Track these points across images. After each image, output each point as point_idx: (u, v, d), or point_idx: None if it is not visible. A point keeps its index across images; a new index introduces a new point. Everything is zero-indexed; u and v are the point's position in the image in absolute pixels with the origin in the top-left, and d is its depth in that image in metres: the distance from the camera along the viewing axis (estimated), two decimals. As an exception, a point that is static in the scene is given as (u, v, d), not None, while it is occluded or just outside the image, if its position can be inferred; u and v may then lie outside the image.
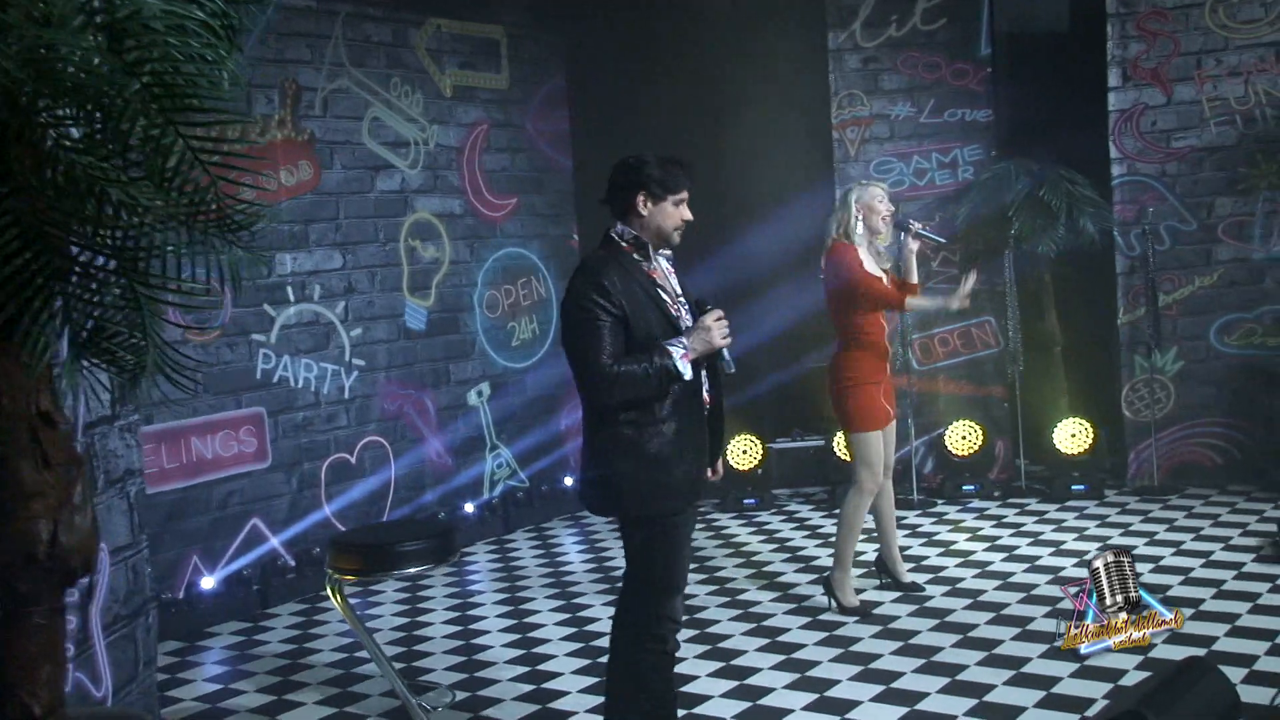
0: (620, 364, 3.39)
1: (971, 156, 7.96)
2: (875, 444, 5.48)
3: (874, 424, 5.48)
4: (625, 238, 3.63)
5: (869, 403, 5.47)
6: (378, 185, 7.31)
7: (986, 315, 8.00)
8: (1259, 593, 5.54)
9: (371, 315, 7.25)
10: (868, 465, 5.47)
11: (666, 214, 3.62)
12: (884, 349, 5.54)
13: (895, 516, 5.92)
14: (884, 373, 5.52)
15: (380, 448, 7.26)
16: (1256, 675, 4.54)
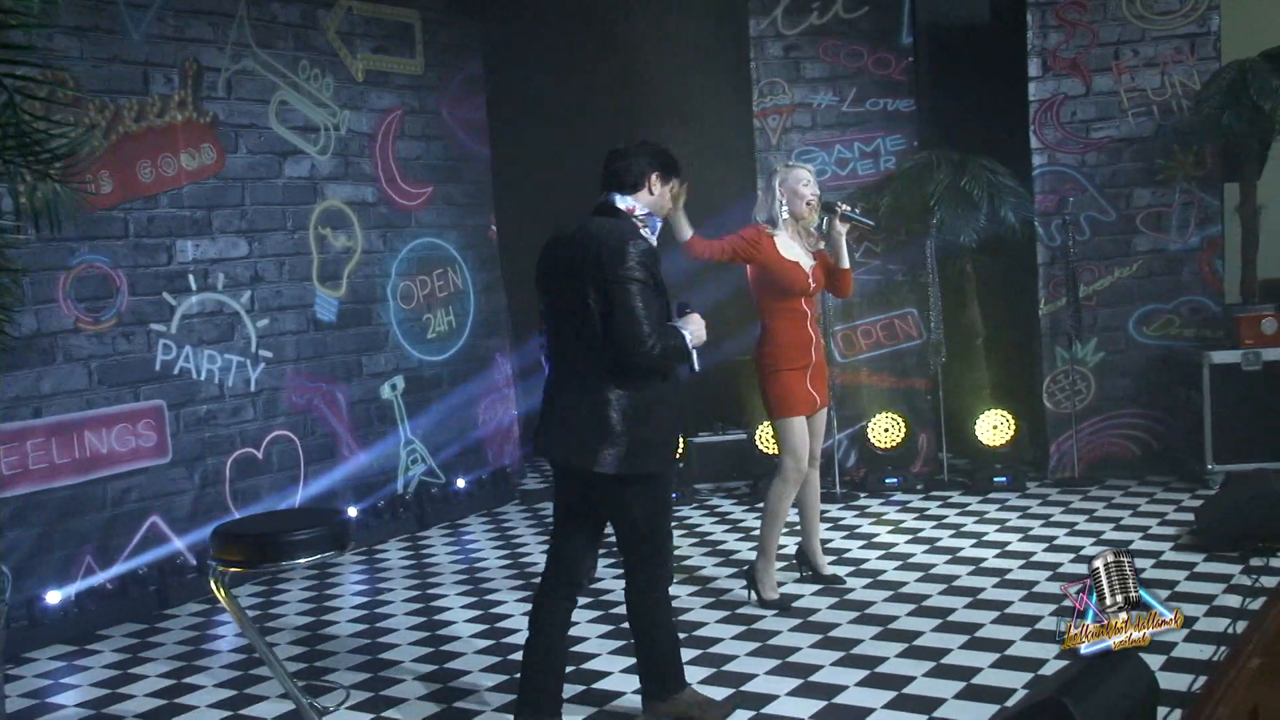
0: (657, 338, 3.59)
1: (894, 146, 7.86)
2: (796, 430, 5.37)
3: (792, 409, 5.37)
4: (638, 212, 3.81)
5: (788, 389, 5.36)
6: (286, 171, 7.07)
7: (909, 307, 7.91)
8: (1176, 580, 5.50)
9: (279, 305, 7.01)
10: (790, 452, 5.36)
11: (668, 195, 3.90)
12: (806, 335, 5.42)
13: (819, 509, 5.80)
14: (808, 358, 5.41)
15: (289, 442, 7.02)
16: (1175, 662, 4.48)
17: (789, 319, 5.36)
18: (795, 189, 5.38)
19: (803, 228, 5.44)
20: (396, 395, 7.73)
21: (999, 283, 7.80)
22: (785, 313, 5.36)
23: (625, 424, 3.67)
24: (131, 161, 6.18)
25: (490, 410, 8.48)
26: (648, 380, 3.70)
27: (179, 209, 6.45)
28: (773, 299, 5.36)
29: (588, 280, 3.66)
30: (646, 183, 3.86)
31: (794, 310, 5.37)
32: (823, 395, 5.52)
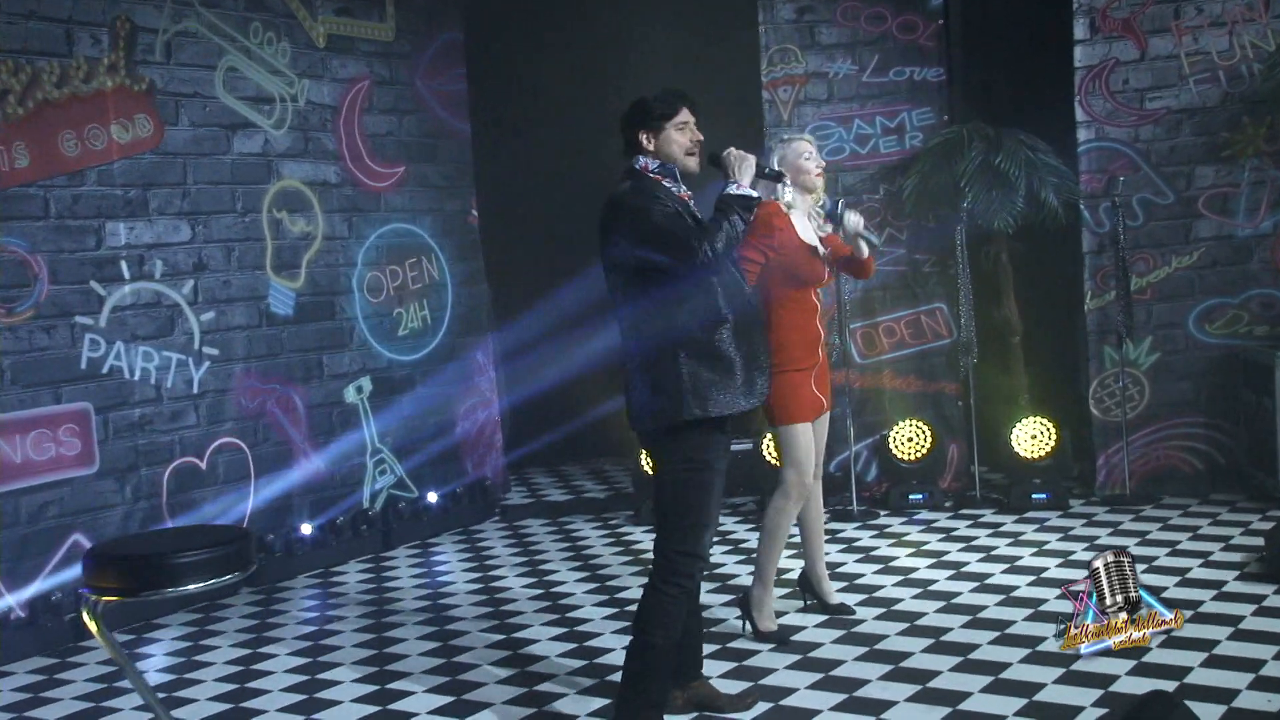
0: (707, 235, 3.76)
1: (921, 121, 7.61)
2: (803, 439, 5.10)
3: (798, 415, 5.10)
4: (652, 167, 3.97)
5: (795, 391, 5.08)
6: (235, 147, 6.84)
7: (938, 302, 7.65)
8: (1241, 615, 5.13)
9: (227, 297, 6.77)
10: (795, 464, 5.09)
11: (671, 140, 3.95)
12: (815, 332, 5.16)
13: (824, 529, 5.54)
14: (815, 357, 5.15)
15: (237, 451, 6.79)
16: (1237, 714, 4.09)
17: (799, 312, 5.09)
18: (797, 164, 5.16)
19: (810, 206, 5.21)
20: (362, 399, 7.51)
21: (1039, 274, 7.58)
22: (796, 305, 5.10)
23: (638, 372, 3.90)
24: (52, 132, 5.93)
25: (470, 416, 8.25)
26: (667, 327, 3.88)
27: (109, 187, 6.21)
28: (784, 288, 5.08)
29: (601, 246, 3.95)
30: (640, 143, 4.01)
31: (805, 302, 5.11)
32: (828, 397, 5.28)
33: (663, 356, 3.88)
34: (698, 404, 3.85)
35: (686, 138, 4.03)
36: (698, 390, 3.86)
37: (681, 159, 4.03)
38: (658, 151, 4.02)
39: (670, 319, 3.88)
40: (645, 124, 4.01)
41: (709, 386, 3.87)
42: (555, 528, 7.65)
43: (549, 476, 9.09)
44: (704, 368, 3.86)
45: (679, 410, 3.84)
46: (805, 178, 5.16)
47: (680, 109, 4.03)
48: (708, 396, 3.87)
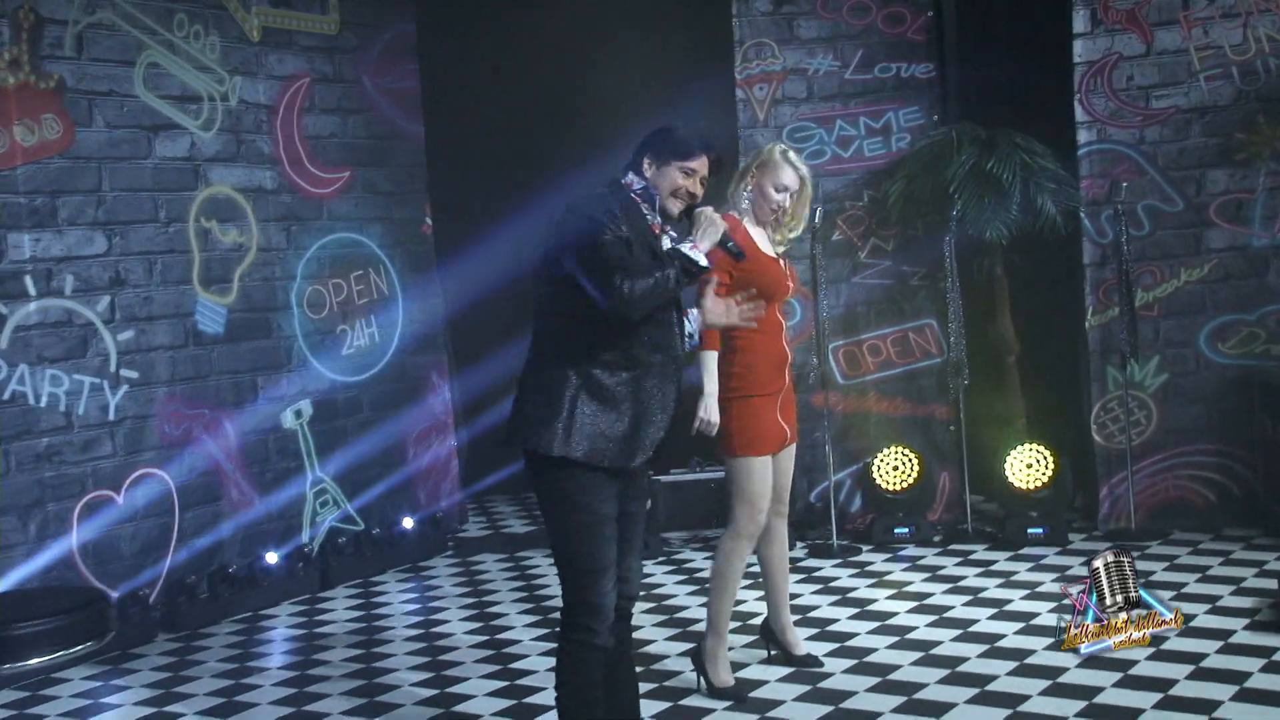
0: (634, 278, 3.67)
1: (909, 121, 7.43)
2: (758, 473, 4.89)
3: (757, 446, 4.89)
4: (635, 186, 3.94)
5: (755, 418, 4.88)
6: (158, 150, 6.63)
7: (927, 318, 7.45)
8: (1248, 672, 4.85)
9: (148, 315, 6.55)
10: (746, 501, 4.88)
11: (669, 178, 3.92)
12: (780, 354, 4.97)
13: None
14: (779, 383, 4.96)
15: (159, 483, 6.54)
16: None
17: (762, 331, 4.86)
18: (766, 190, 4.93)
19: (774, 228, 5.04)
20: (302, 424, 7.30)
21: (1036, 288, 7.44)
22: (759, 322, 4.75)
23: (526, 388, 3.88)
24: None
25: (423, 441, 8.03)
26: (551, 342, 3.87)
27: (11, 194, 5.99)
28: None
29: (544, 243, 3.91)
30: (642, 165, 3.99)
31: (769, 320, 4.88)
32: (793, 427, 5.07)
33: (554, 379, 3.82)
34: (567, 441, 3.77)
35: (685, 184, 3.97)
36: (573, 427, 3.78)
37: (666, 197, 3.96)
38: (652, 180, 3.97)
39: (578, 344, 3.82)
40: (656, 153, 3.97)
41: (586, 427, 3.79)
42: (511, 563, 7.40)
43: (512, 505, 8.85)
44: (589, 407, 3.80)
45: (548, 442, 3.77)
46: (763, 206, 4.95)
47: (696, 157, 3.97)
48: (580, 437, 3.78)
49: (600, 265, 3.72)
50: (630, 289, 3.69)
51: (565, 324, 3.84)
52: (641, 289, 3.71)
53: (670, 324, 3.92)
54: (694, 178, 3.96)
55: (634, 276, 3.71)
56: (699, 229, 3.92)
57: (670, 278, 3.77)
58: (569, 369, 3.81)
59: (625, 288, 3.68)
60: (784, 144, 5.03)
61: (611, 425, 3.80)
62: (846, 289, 7.42)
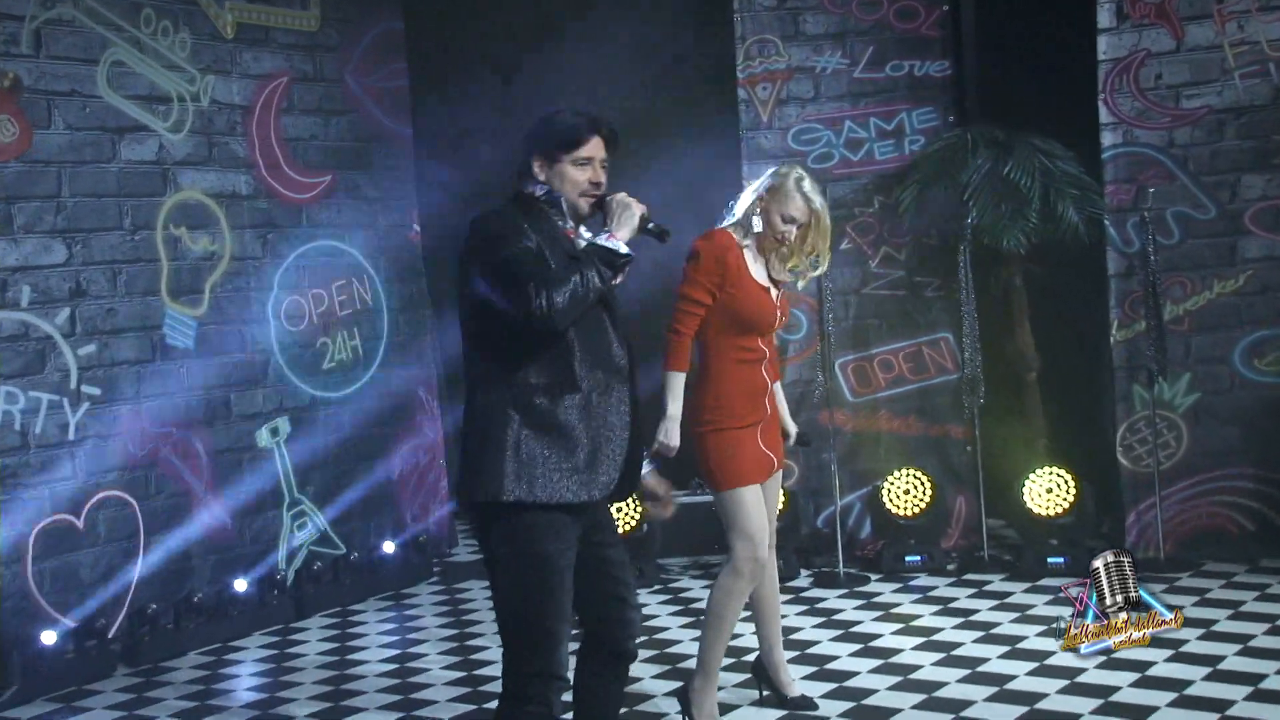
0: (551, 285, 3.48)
1: (922, 122, 7.31)
2: (750, 504, 4.73)
3: (743, 477, 4.74)
4: (539, 194, 3.74)
5: (738, 449, 4.74)
6: (123, 153, 6.50)
7: (943, 331, 7.33)
8: (1281, 723, 4.62)
9: (112, 328, 6.43)
10: (746, 535, 4.70)
11: (566, 177, 3.72)
12: (761, 382, 4.81)
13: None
14: (761, 411, 4.81)
15: (123, 507, 6.42)
16: None
17: (743, 362, 4.75)
18: (772, 215, 4.73)
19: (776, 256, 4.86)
20: (278, 443, 7.19)
21: (1058, 301, 7.30)
22: (740, 353, 4.77)
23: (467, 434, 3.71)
24: None
25: (409, 461, 7.92)
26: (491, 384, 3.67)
27: (-38, 201, 5.87)
28: (727, 335, 4.76)
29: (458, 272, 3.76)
30: (533, 169, 3.76)
31: (751, 351, 4.77)
32: (778, 453, 4.93)
33: (493, 419, 3.62)
34: (520, 483, 3.56)
35: (585, 176, 3.74)
36: (523, 467, 3.57)
37: (573, 198, 3.75)
38: (548, 183, 3.75)
39: (510, 374, 3.63)
40: (541, 151, 3.75)
41: (538, 464, 3.58)
42: (499, 592, 7.21)
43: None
44: (537, 440, 3.59)
45: (497, 488, 3.56)
46: (769, 230, 4.76)
47: (587, 140, 3.73)
48: (534, 476, 3.57)
49: (511, 281, 3.52)
50: (549, 299, 3.48)
51: (493, 355, 3.67)
52: (562, 296, 3.49)
53: (605, 331, 3.73)
54: (592, 165, 3.73)
55: (551, 284, 3.50)
56: (613, 217, 3.68)
57: (591, 276, 3.56)
58: (507, 404, 3.61)
59: (543, 299, 3.48)
60: (802, 171, 4.79)
61: (567, 457, 3.60)
62: (856, 300, 7.30)
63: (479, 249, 3.62)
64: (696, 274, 4.67)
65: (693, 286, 4.66)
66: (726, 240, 4.70)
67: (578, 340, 3.63)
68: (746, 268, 4.73)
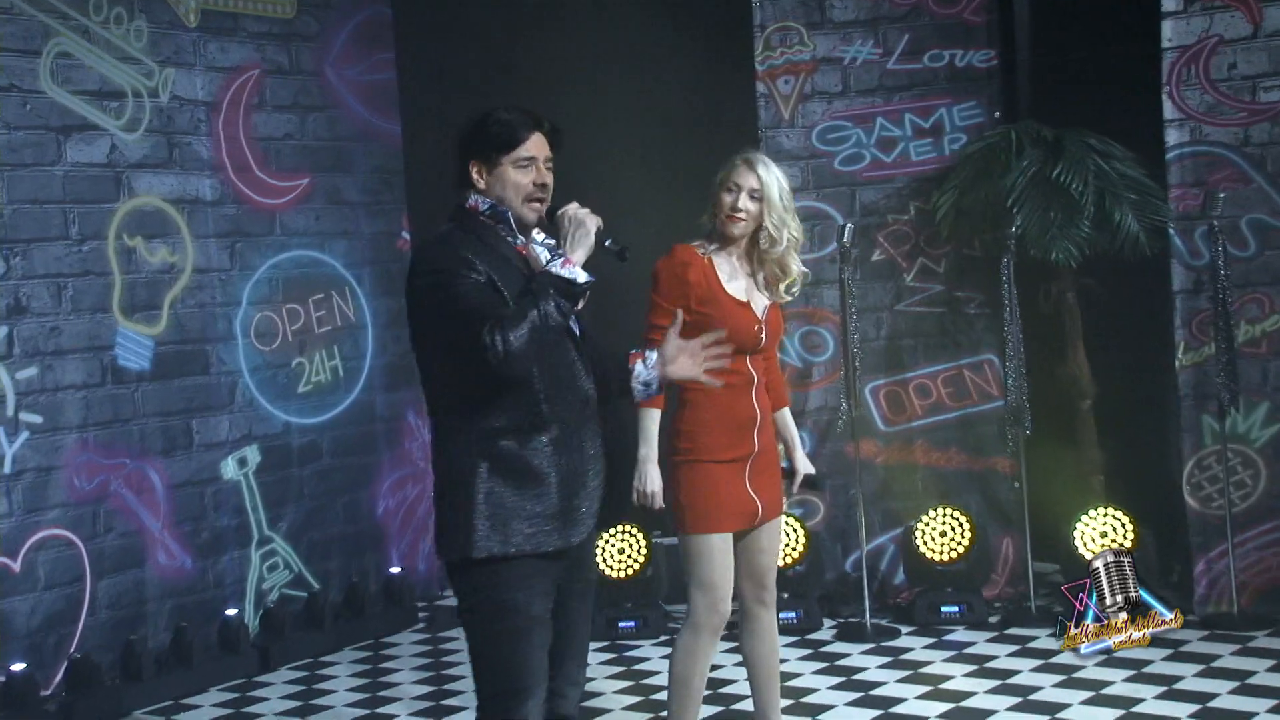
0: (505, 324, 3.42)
1: (965, 119, 7.10)
2: (718, 555, 4.54)
3: (716, 522, 4.55)
4: (483, 209, 3.67)
5: (712, 488, 4.55)
6: (69, 155, 6.36)
7: (987, 352, 7.09)
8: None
9: (56, 349, 6.28)
10: (704, 586, 4.54)
11: (507, 181, 3.64)
12: (748, 412, 4.60)
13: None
14: (747, 445, 4.60)
15: (67, 547, 6.25)
16: None
17: (724, 389, 4.44)
18: (716, 193, 4.60)
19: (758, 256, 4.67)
20: (246, 474, 7.07)
21: (1116, 320, 7.13)
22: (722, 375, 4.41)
23: (437, 486, 3.70)
24: None
25: (395, 493, 7.81)
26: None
27: (-117, 209, 5.79)
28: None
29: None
30: (471, 176, 3.69)
31: (733, 373, 4.48)
32: (773, 498, 4.70)
33: (460, 471, 3.59)
34: (494, 536, 3.53)
35: (529, 179, 3.64)
36: (496, 517, 3.54)
37: (518, 206, 3.66)
38: (489, 190, 3.67)
39: (473, 420, 3.58)
40: (478, 154, 3.67)
41: (511, 513, 3.54)
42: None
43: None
44: (507, 487, 3.55)
45: (469, 545, 3.53)
46: (725, 227, 4.58)
47: (526, 138, 3.65)
48: (508, 527, 3.54)
49: (462, 323, 3.45)
50: (504, 340, 3.40)
51: (453, 401, 3.62)
52: (518, 336, 3.41)
53: (571, 362, 3.65)
54: (535, 165, 3.62)
55: (505, 323, 3.41)
56: (566, 236, 3.55)
57: (549, 311, 3.45)
58: (472, 451, 3.56)
59: (497, 340, 3.40)
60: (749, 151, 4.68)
61: (538, 501, 3.56)
62: (889, 318, 7.11)
63: (422, 288, 3.58)
64: (658, 298, 4.54)
65: (656, 313, 4.51)
66: (687, 255, 4.55)
67: (542, 376, 3.57)
68: (718, 281, 4.57)
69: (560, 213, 3.60)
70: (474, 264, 3.52)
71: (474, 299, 3.46)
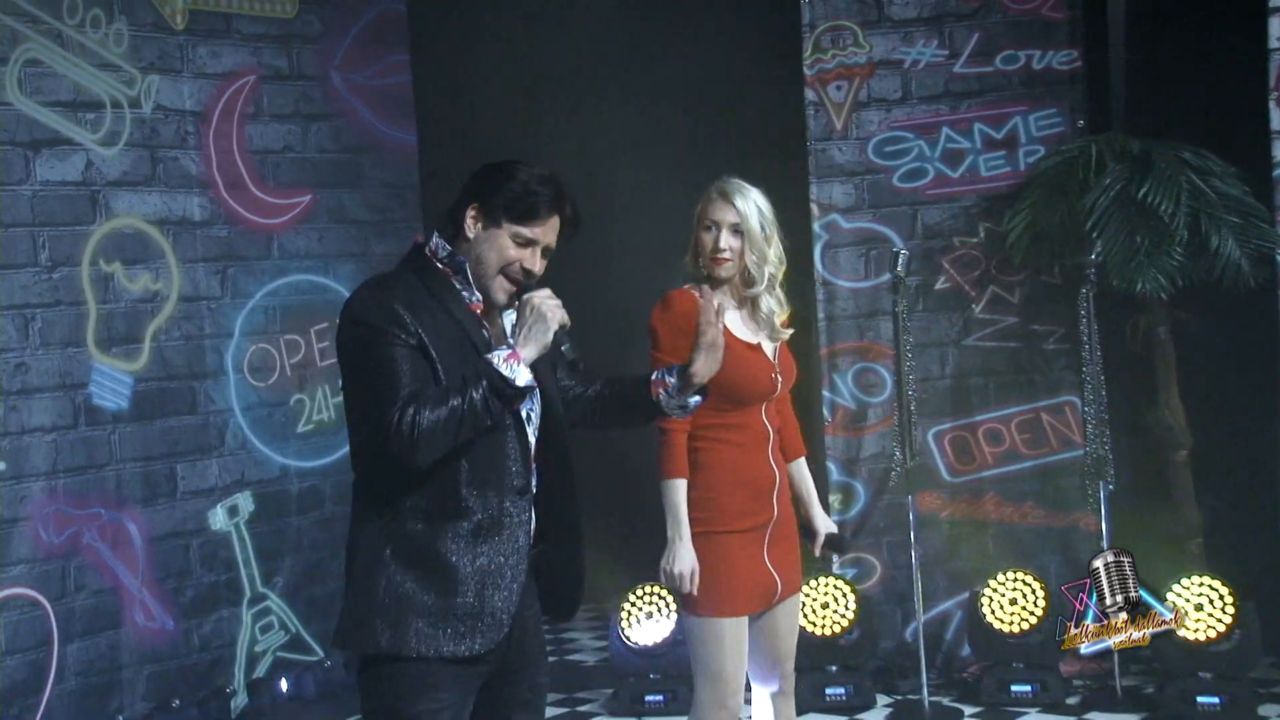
0: (421, 407, 3.32)
1: (1043, 128, 6.99)
2: (730, 641, 4.47)
3: (729, 604, 4.47)
4: (440, 254, 3.59)
5: (725, 563, 4.46)
6: (38, 173, 6.31)
7: (1068, 394, 6.95)
8: None
9: (21, 386, 6.23)
10: (713, 676, 4.47)
11: (496, 245, 3.52)
12: (765, 473, 4.55)
13: None
14: (767, 510, 4.54)
15: (32, 608, 6.18)
16: None
17: (738, 445, 4.52)
18: (696, 233, 4.57)
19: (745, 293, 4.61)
20: (238, 524, 7.04)
21: (1215, 359, 7.00)
22: (729, 433, 4.54)
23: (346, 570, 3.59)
24: None
25: None
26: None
27: None
28: (711, 411, 4.40)
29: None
30: (463, 218, 3.55)
31: (748, 428, 4.54)
32: (792, 573, 4.63)
33: (365, 554, 3.49)
34: (387, 632, 3.40)
35: (519, 257, 3.50)
36: (393, 610, 3.40)
37: (491, 279, 3.52)
38: (474, 241, 3.52)
39: (385, 497, 3.45)
40: (485, 202, 3.52)
41: (410, 608, 3.40)
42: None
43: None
44: (411, 578, 3.41)
45: (365, 639, 3.43)
46: (710, 269, 4.53)
47: (543, 219, 3.50)
48: (405, 624, 3.39)
49: (371, 392, 3.35)
50: (412, 424, 3.28)
51: (366, 467, 3.49)
52: (430, 421, 3.29)
53: (505, 445, 3.50)
54: (534, 249, 3.48)
55: (420, 405, 3.30)
56: (522, 325, 3.42)
57: (475, 407, 3.32)
58: (379, 530, 3.45)
59: (405, 423, 3.28)
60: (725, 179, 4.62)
61: (446, 598, 3.41)
62: (955, 354, 7.01)
63: (345, 341, 3.50)
64: (663, 355, 4.44)
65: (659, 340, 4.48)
66: (686, 303, 4.46)
67: (466, 455, 3.43)
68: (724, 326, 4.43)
69: (526, 298, 3.48)
70: (405, 322, 3.41)
71: (391, 367, 3.36)
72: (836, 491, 6.88)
